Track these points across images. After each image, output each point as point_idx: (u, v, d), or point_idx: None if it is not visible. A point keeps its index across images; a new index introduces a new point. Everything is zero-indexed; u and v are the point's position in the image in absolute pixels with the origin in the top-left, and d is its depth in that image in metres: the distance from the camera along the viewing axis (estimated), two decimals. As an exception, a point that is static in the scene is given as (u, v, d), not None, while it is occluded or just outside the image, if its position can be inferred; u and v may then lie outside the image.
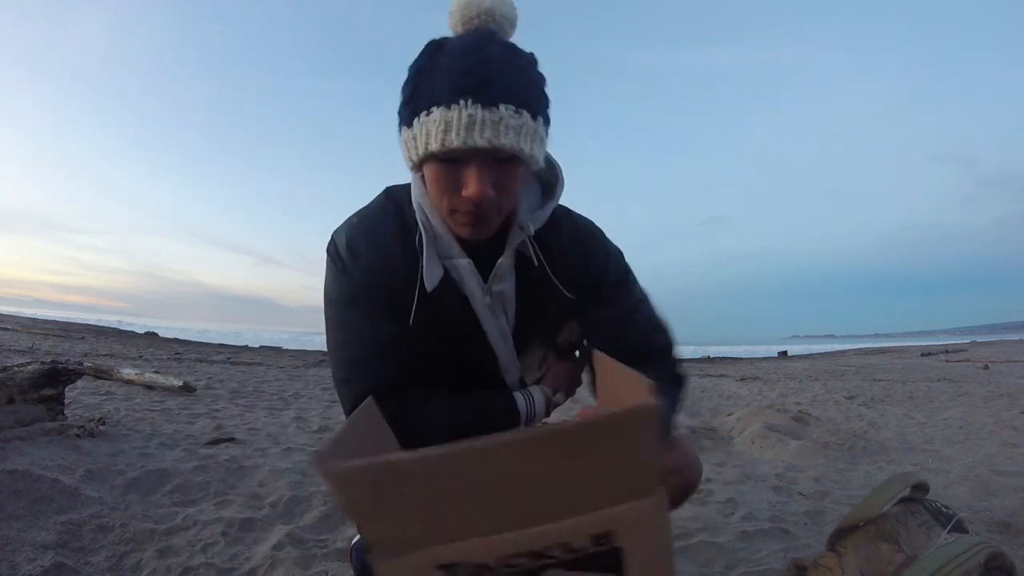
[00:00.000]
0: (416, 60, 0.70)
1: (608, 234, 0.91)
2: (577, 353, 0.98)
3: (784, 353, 18.33)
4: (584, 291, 0.85)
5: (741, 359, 15.36)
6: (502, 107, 0.65)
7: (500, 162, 0.68)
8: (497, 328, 0.84)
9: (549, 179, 0.85)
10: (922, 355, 14.58)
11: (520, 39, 0.74)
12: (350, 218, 0.83)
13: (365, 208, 0.84)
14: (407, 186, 0.83)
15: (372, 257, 0.79)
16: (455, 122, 0.64)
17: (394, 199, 0.83)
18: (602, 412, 0.40)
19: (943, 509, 0.90)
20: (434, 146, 0.66)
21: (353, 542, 1.05)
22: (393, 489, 0.38)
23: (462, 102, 0.64)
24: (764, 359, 15.65)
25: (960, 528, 0.86)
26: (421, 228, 0.77)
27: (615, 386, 0.68)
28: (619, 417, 0.38)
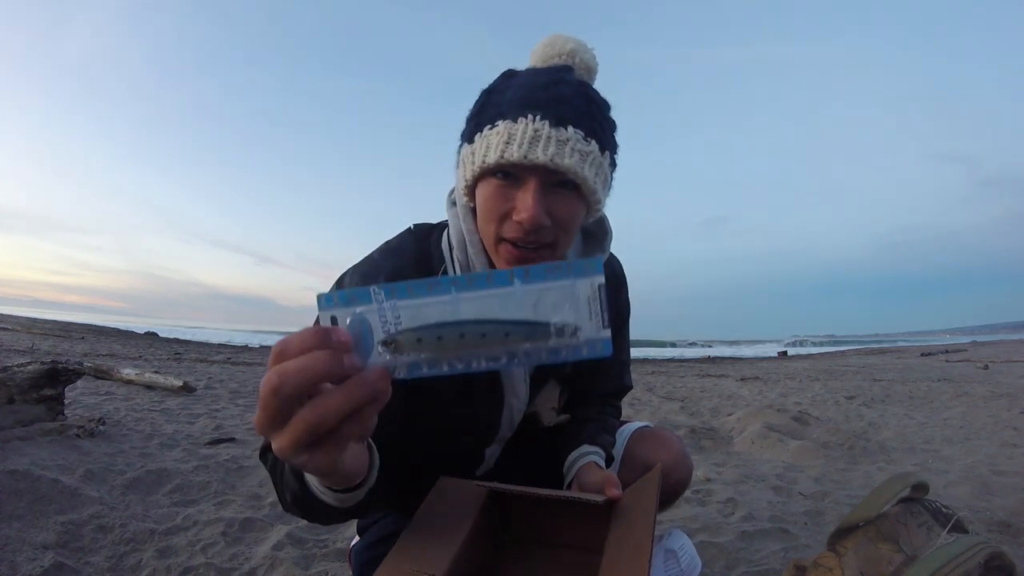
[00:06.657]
0: (489, 85, 0.69)
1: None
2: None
3: (784, 353, 18.35)
4: None
5: (741, 359, 15.37)
6: (570, 128, 0.61)
7: (559, 187, 0.63)
8: (521, 370, 0.80)
9: (596, 232, 0.81)
10: (922, 355, 14.58)
11: (520, 38, 0.77)
12: (371, 255, 0.78)
13: (386, 244, 0.80)
14: (436, 225, 0.81)
15: None
16: (519, 135, 0.60)
17: (418, 236, 0.79)
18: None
19: (943, 509, 0.90)
20: (492, 157, 0.61)
21: (352, 543, 1.04)
22: None
23: (530, 116, 0.60)
24: (764, 359, 15.65)
25: (960, 528, 0.86)
26: (455, 265, 0.73)
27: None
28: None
